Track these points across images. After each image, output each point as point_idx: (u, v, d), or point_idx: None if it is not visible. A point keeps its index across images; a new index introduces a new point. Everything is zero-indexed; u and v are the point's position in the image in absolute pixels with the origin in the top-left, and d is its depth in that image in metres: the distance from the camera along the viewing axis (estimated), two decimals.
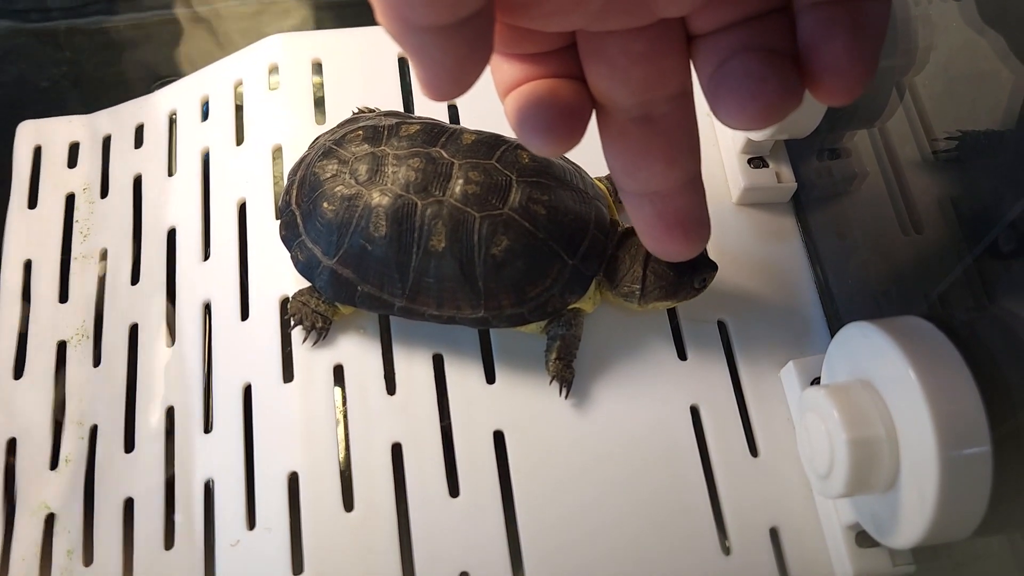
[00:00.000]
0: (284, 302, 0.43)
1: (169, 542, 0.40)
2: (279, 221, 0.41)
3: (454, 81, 0.21)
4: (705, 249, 0.38)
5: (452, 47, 0.20)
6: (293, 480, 0.39)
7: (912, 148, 0.38)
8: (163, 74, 0.58)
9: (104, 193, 0.50)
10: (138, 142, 0.51)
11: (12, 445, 0.43)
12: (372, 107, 0.46)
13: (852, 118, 0.42)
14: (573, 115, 0.24)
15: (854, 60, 0.20)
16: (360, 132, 0.40)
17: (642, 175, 0.26)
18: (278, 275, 0.43)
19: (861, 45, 0.20)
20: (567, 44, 0.24)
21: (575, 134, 0.24)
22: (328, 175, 0.39)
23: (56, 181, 0.50)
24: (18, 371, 0.45)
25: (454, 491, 0.39)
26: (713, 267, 0.39)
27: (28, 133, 0.52)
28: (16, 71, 0.59)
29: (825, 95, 0.21)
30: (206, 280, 0.45)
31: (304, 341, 0.41)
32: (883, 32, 0.21)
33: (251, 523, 0.39)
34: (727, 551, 0.38)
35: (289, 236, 0.40)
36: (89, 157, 0.51)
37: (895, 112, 0.39)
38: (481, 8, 0.19)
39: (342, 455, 0.39)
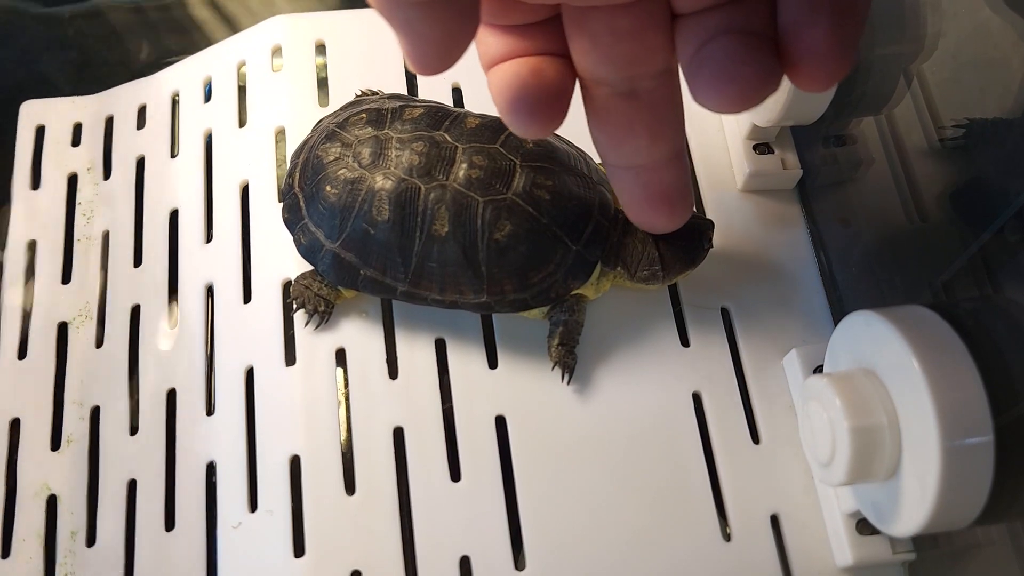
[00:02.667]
0: (286, 285, 0.43)
1: (171, 524, 0.40)
2: (282, 204, 0.41)
3: (441, 56, 0.21)
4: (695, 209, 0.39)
5: (439, 22, 0.20)
6: (295, 463, 0.39)
7: (919, 135, 0.38)
8: (166, 55, 0.57)
9: (107, 174, 0.50)
10: (141, 123, 0.51)
11: (14, 425, 0.43)
12: (376, 90, 0.46)
13: (859, 105, 0.41)
14: (556, 97, 0.24)
15: (834, 47, 0.20)
16: (363, 115, 0.40)
17: (627, 149, 0.26)
18: (280, 258, 0.43)
19: (842, 32, 0.20)
20: (551, 16, 0.24)
21: (557, 116, 0.24)
22: (331, 158, 0.39)
23: (59, 162, 0.50)
24: (21, 351, 0.45)
25: (455, 475, 0.39)
26: (711, 223, 0.40)
27: (31, 113, 0.51)
28: (19, 51, 0.59)
29: (804, 80, 0.21)
30: (208, 262, 0.45)
31: (306, 325, 0.41)
32: (864, 19, 0.21)
33: (253, 505, 0.39)
34: (727, 537, 0.38)
35: (292, 219, 0.40)
36: (92, 138, 0.51)
37: (902, 99, 0.39)
38: None
39: (343, 438, 0.40)
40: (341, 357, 0.41)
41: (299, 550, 0.38)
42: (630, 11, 0.23)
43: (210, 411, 0.42)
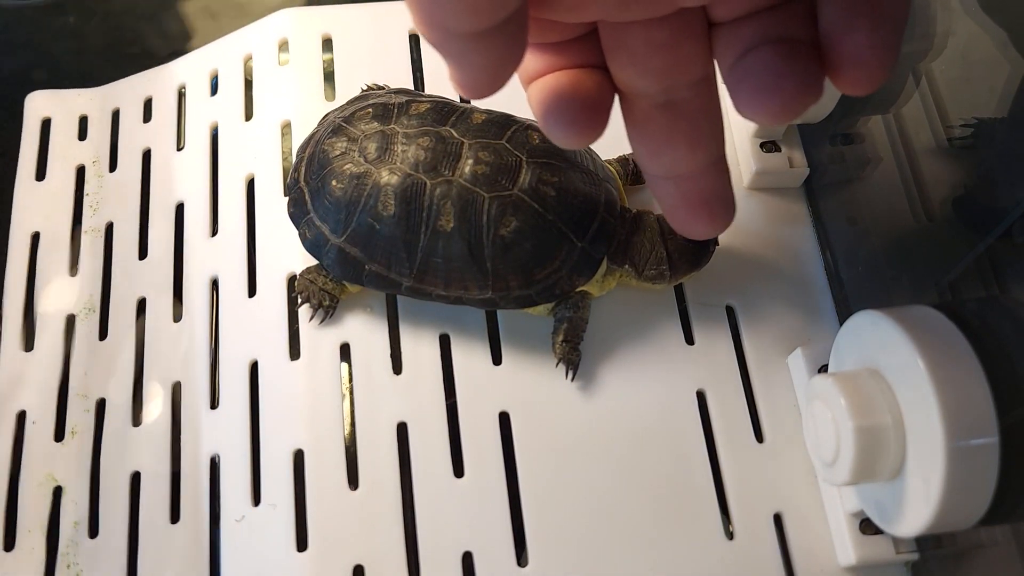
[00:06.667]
0: (292, 279, 0.43)
1: (175, 516, 0.40)
2: (287, 198, 0.41)
3: (492, 81, 0.22)
4: None
5: (491, 50, 0.21)
6: (298, 457, 0.39)
7: (927, 134, 0.38)
8: (173, 47, 0.57)
9: (113, 167, 0.50)
10: (147, 116, 0.51)
11: (20, 417, 0.43)
12: (382, 84, 0.45)
13: (867, 103, 0.41)
14: (596, 108, 0.24)
15: (876, 51, 0.20)
16: (370, 110, 0.40)
17: (666, 159, 0.26)
18: (286, 252, 0.43)
19: (883, 36, 0.20)
20: (588, 31, 0.24)
21: (598, 126, 0.24)
22: (337, 153, 0.39)
23: (65, 153, 0.50)
24: (26, 344, 0.45)
25: (459, 471, 0.39)
26: None
27: (37, 104, 0.51)
28: (25, 43, 0.59)
29: (846, 85, 0.21)
30: (214, 256, 0.45)
31: (311, 319, 0.41)
32: (904, 21, 0.21)
33: (256, 499, 0.39)
34: (730, 536, 0.38)
35: (297, 213, 0.40)
36: (98, 130, 0.51)
37: (911, 98, 0.39)
38: (518, 8, 0.19)
39: (347, 433, 0.40)
40: (345, 352, 0.41)
41: (302, 544, 0.38)
42: (667, 23, 0.23)
43: (214, 404, 0.42)
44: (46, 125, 0.51)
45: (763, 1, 0.22)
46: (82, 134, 0.51)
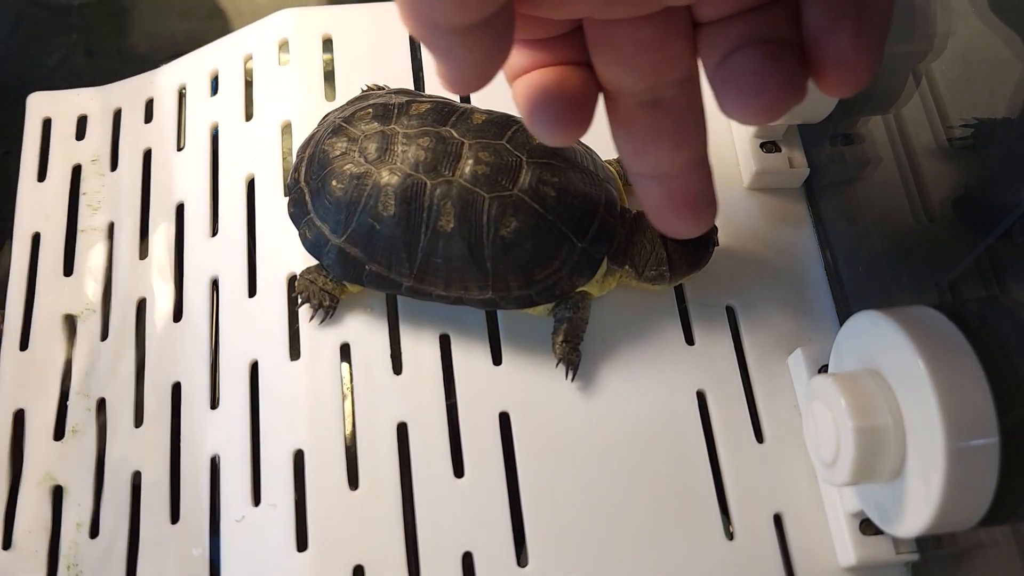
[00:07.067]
0: (292, 279, 0.43)
1: (175, 516, 0.40)
2: (287, 198, 0.41)
3: (479, 76, 0.22)
4: None
5: (478, 45, 0.21)
6: (298, 457, 0.39)
7: (927, 135, 0.38)
8: (173, 48, 0.57)
9: (113, 167, 0.50)
10: (147, 116, 0.51)
11: (18, 416, 0.43)
12: (382, 84, 0.46)
13: (867, 104, 0.41)
14: (580, 105, 0.24)
15: (860, 53, 0.20)
16: (370, 110, 0.40)
17: (650, 157, 0.26)
18: (286, 252, 0.43)
19: (867, 38, 0.20)
20: (573, 28, 0.24)
21: (582, 123, 0.24)
22: (337, 153, 0.39)
23: (66, 154, 0.50)
24: (26, 344, 0.45)
25: (459, 471, 0.39)
26: (714, 226, 0.41)
27: (38, 105, 0.51)
28: (27, 43, 0.59)
29: (830, 87, 0.21)
30: (214, 256, 0.45)
31: (311, 319, 0.41)
32: (888, 23, 0.21)
33: (256, 499, 0.39)
34: (730, 536, 0.38)
35: (297, 213, 0.40)
36: (99, 130, 0.51)
37: (911, 98, 0.39)
38: (505, 4, 0.20)
39: (347, 433, 0.40)
40: (346, 352, 0.41)
41: (302, 544, 0.38)
42: (652, 21, 0.23)
43: (214, 404, 0.42)
44: (47, 125, 0.51)
45: (748, 1, 0.22)
46: (82, 134, 0.51)
